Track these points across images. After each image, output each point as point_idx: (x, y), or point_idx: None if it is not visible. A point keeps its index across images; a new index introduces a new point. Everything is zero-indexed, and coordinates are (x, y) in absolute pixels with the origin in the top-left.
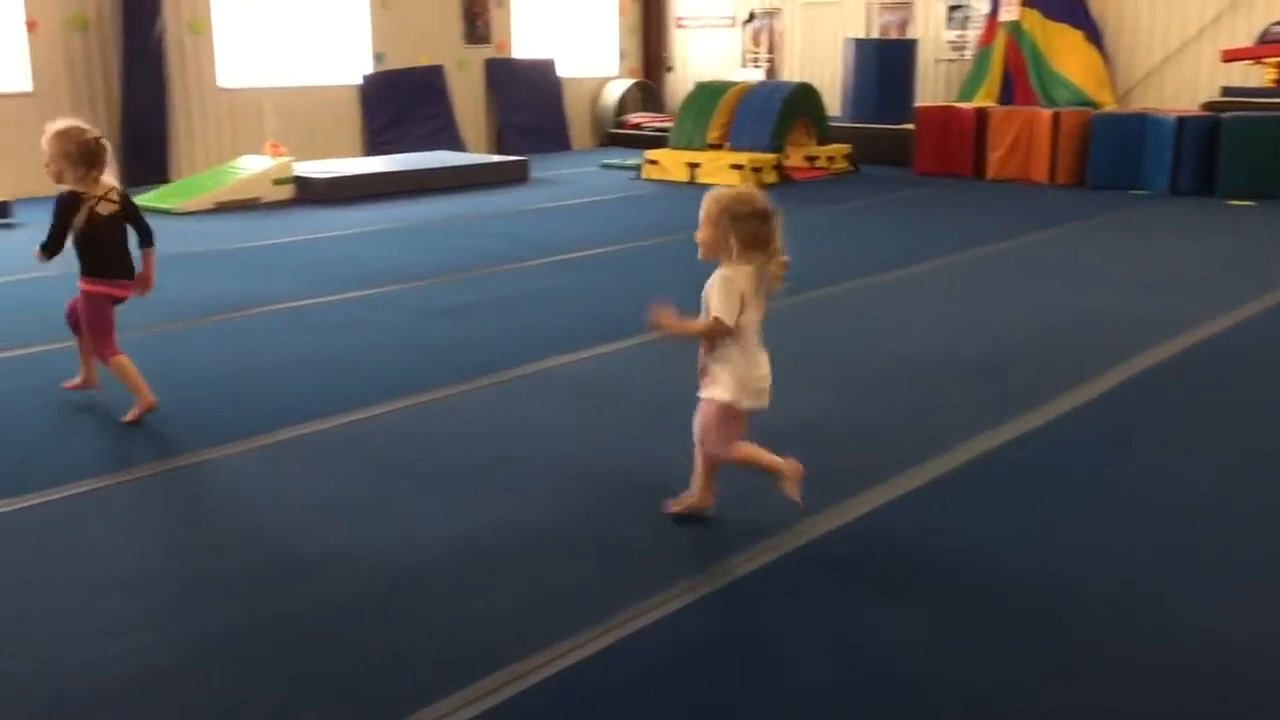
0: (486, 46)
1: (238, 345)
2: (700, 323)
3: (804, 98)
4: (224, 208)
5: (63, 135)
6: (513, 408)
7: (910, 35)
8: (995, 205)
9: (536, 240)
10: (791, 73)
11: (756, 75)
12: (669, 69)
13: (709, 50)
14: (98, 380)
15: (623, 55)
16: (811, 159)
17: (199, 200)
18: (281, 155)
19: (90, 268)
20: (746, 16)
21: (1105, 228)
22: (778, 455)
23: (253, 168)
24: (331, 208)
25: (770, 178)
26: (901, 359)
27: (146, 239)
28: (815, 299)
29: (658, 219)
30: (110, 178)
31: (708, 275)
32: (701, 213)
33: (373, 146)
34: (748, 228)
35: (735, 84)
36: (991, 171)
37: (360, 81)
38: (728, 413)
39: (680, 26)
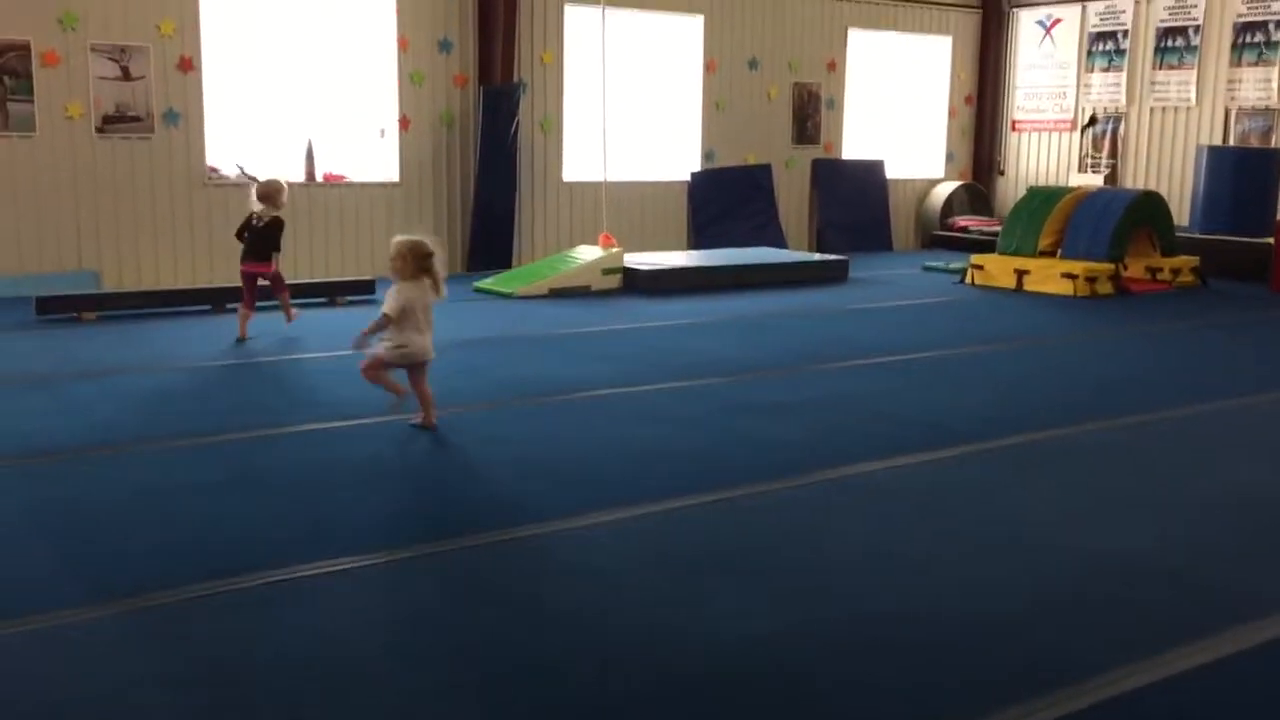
0: (815, 147)
1: (553, 428)
2: (375, 321)
3: (1149, 206)
4: (556, 294)
5: (263, 184)
6: (812, 513)
7: (1275, 144)
8: None
9: (853, 341)
10: (1135, 179)
11: (1095, 181)
12: (1000, 172)
13: (1044, 154)
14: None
15: (950, 157)
16: (1154, 271)
17: (535, 286)
18: (612, 246)
19: (244, 254)
20: (1088, 120)
21: None
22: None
23: (586, 257)
24: (654, 299)
25: (1105, 288)
26: (1243, 499)
27: (275, 248)
28: (1152, 423)
29: (981, 326)
30: (272, 209)
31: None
32: (393, 249)
33: (697, 240)
34: (416, 263)
35: (1071, 189)
36: None
37: (689, 178)
38: (377, 359)
39: (1015, 129)
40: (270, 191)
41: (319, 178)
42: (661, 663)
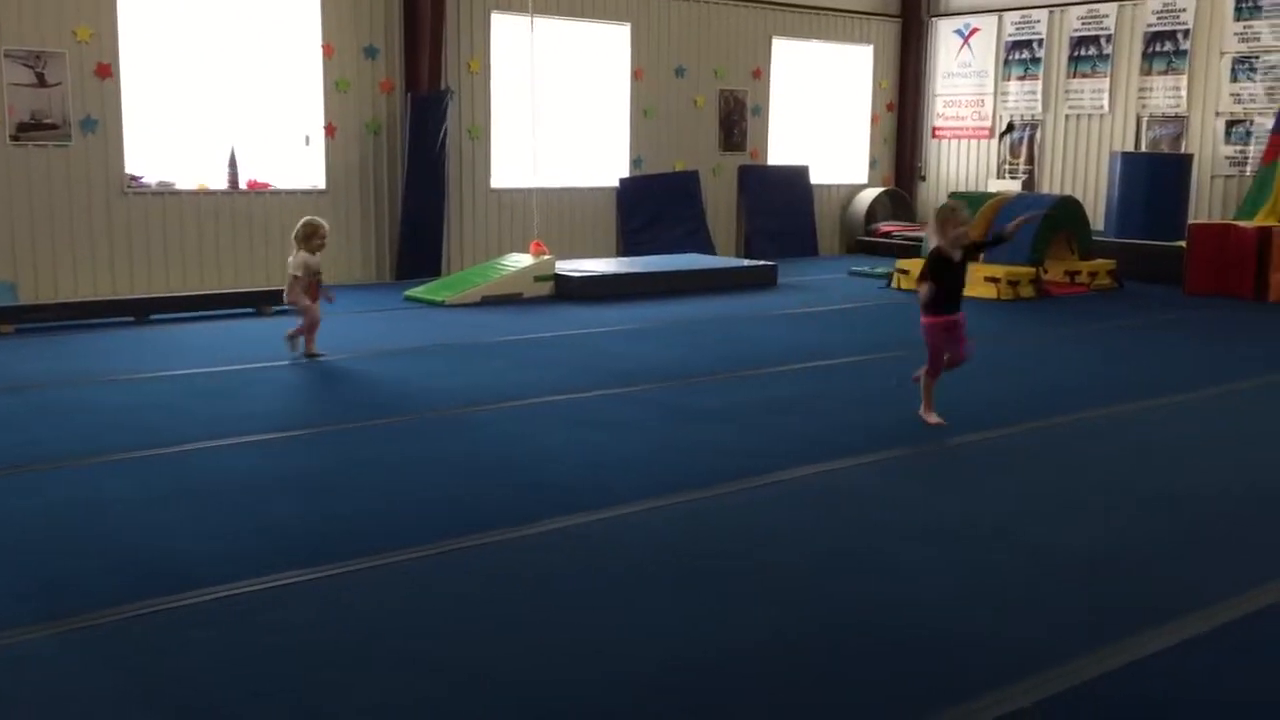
0: (741, 153)
1: (497, 435)
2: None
3: (1066, 211)
4: (488, 302)
5: (945, 216)
6: (761, 515)
7: (1184, 150)
8: (1277, 330)
9: (786, 346)
10: (1052, 185)
11: (1013, 187)
12: (922, 178)
13: (964, 160)
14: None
15: (874, 163)
16: (1072, 274)
17: (466, 294)
18: (544, 254)
19: (944, 307)
20: (1005, 127)
21: None
22: None
23: (517, 264)
24: (587, 305)
25: (1027, 291)
26: (1168, 493)
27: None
28: (1078, 422)
29: (908, 329)
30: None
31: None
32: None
33: (627, 247)
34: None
35: (992, 195)
36: (1274, 294)
37: (617, 184)
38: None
39: (936, 136)
40: (947, 217)
41: (242, 185)
42: (608, 674)
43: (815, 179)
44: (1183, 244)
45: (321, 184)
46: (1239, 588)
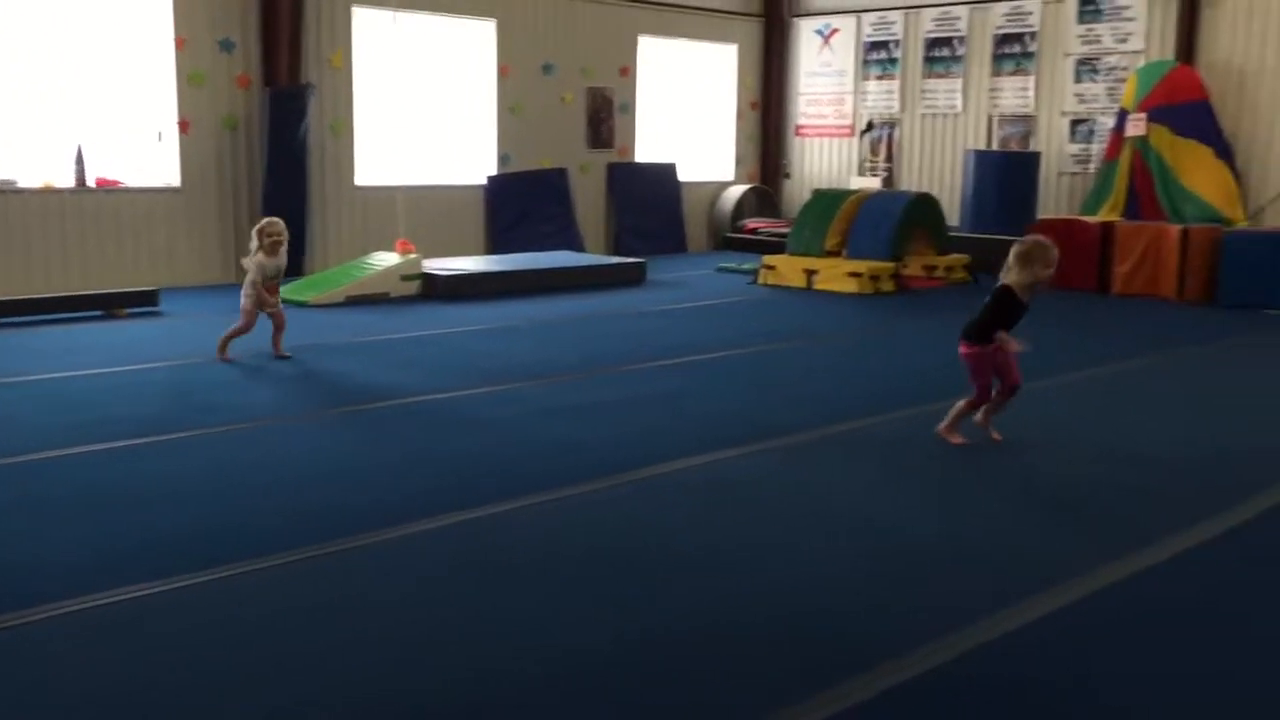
0: (609, 151)
1: (364, 438)
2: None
3: (923, 207)
4: (354, 301)
5: (1036, 251)
6: (635, 509)
7: (1032, 148)
8: (1121, 321)
9: (655, 342)
10: (910, 182)
11: (874, 184)
12: (787, 175)
13: (827, 158)
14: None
15: (740, 161)
16: (930, 269)
17: (331, 294)
18: (410, 252)
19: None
20: (865, 126)
21: (1238, 349)
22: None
23: (383, 263)
24: (455, 304)
25: (888, 286)
26: (1024, 477)
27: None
28: (940, 411)
29: (775, 324)
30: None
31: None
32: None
33: (495, 245)
34: (265, 241)
35: (853, 192)
36: (1117, 286)
37: (485, 182)
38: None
39: (799, 134)
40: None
41: (90, 183)
42: (477, 677)
43: (683, 176)
44: None
45: (176, 182)
46: (1089, 565)
